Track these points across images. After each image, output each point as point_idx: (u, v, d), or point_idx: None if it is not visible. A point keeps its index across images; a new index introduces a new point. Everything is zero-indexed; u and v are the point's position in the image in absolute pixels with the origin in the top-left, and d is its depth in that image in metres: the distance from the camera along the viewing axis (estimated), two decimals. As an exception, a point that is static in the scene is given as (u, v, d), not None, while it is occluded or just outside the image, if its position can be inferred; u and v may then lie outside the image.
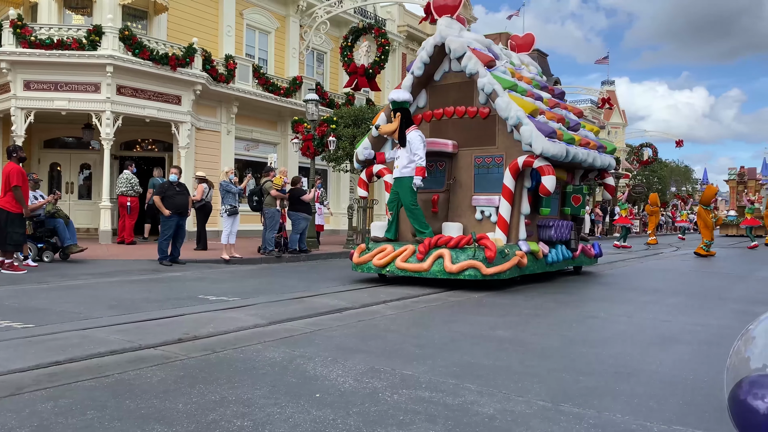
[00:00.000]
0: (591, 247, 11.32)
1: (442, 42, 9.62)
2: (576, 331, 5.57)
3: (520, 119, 8.77)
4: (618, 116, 61.49)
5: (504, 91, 9.01)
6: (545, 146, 8.61)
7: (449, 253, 8.29)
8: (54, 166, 18.70)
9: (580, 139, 9.92)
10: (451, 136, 9.70)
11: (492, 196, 9.25)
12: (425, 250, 8.50)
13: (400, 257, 8.62)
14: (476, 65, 9.23)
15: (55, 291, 7.67)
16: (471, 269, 8.09)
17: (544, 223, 9.73)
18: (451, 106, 9.86)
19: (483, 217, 9.35)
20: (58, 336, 4.89)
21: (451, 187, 9.68)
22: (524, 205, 9.19)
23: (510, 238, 9.04)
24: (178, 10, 18.92)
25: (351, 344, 4.77)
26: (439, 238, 8.56)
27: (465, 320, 6.02)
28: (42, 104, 15.79)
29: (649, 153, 44.33)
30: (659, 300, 7.81)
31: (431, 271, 8.28)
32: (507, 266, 8.29)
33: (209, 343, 4.76)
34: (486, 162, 9.49)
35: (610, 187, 11.47)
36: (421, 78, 10.01)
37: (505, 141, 9.32)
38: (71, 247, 11.27)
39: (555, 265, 9.93)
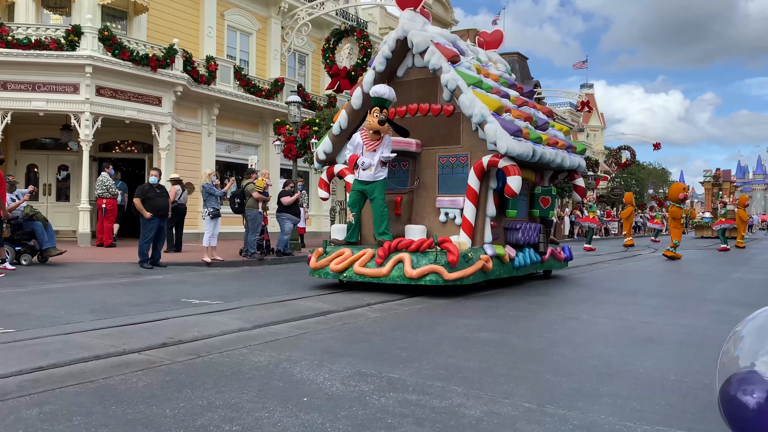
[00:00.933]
0: (561, 251, 11.01)
1: (404, 36, 9.16)
2: (559, 333, 5.63)
3: (484, 117, 8.38)
4: (597, 119, 62.23)
5: (468, 88, 8.60)
6: (510, 145, 8.24)
7: (409, 258, 7.88)
8: (31, 167, 18.42)
9: (548, 138, 9.62)
10: (415, 135, 9.22)
11: (456, 198, 8.85)
12: (384, 254, 8.04)
13: (359, 262, 8.19)
14: (439, 60, 8.81)
15: (34, 295, 7.56)
16: (432, 274, 7.69)
17: (511, 225, 9.41)
18: (414, 104, 9.41)
19: (447, 219, 8.95)
20: (40, 341, 4.83)
21: (415, 188, 9.28)
22: (490, 207, 8.82)
23: (475, 242, 8.67)
24: (159, 10, 18.77)
25: (337, 348, 4.78)
26: (400, 241, 8.14)
27: (449, 323, 6.06)
28: (19, 105, 15.55)
29: (627, 155, 44.90)
30: (639, 302, 7.93)
31: (390, 276, 7.87)
32: (470, 271, 7.94)
33: (194, 347, 4.74)
34: (450, 162, 9.07)
35: (580, 189, 11.11)
36: (384, 74, 9.47)
37: (470, 140, 8.89)
38: (50, 250, 11.11)
39: (522, 270, 9.56)
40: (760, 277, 12.20)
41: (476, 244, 8.66)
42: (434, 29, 9.60)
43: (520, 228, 9.35)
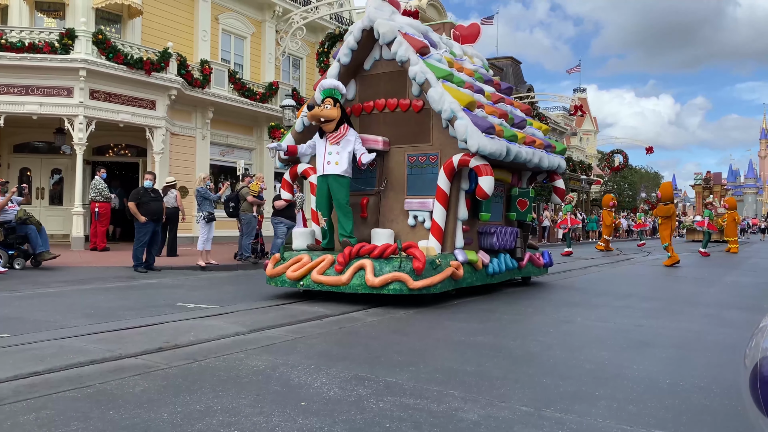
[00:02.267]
0: (539, 256, 10.43)
1: (370, 26, 8.52)
2: (553, 337, 5.66)
3: (454, 112, 7.80)
4: (590, 123, 62.50)
5: (438, 81, 8.03)
6: (482, 143, 7.67)
7: (371, 265, 7.24)
8: (24, 171, 18.34)
9: (524, 136, 9.10)
10: (383, 132, 8.61)
11: (426, 200, 8.23)
12: (345, 260, 7.42)
13: (317, 269, 7.53)
14: (407, 52, 8.21)
15: (28, 299, 7.53)
16: (396, 283, 7.08)
17: (486, 229, 8.81)
18: (382, 99, 8.77)
19: (416, 222, 8.33)
20: (35, 345, 4.82)
21: (383, 189, 8.64)
22: (461, 210, 8.26)
23: (445, 247, 8.10)
24: (153, 14, 18.76)
25: (333, 352, 4.79)
26: (361, 246, 7.49)
27: (445, 326, 6.07)
28: (12, 108, 15.49)
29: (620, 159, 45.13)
30: (632, 305, 7.97)
31: (351, 285, 7.25)
32: (438, 279, 7.36)
33: (190, 351, 4.73)
34: (420, 161, 8.46)
35: (559, 191, 10.48)
36: (349, 66, 8.86)
37: (440, 137, 8.29)
38: (43, 254, 11.07)
39: (497, 277, 8.92)
40: (752, 280, 12.28)
41: (447, 250, 8.11)
42: (404, 19, 9.01)
43: (495, 232, 8.74)
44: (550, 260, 10.77)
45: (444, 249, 8.07)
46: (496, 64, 40.57)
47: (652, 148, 40.68)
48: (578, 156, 49.88)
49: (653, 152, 40.85)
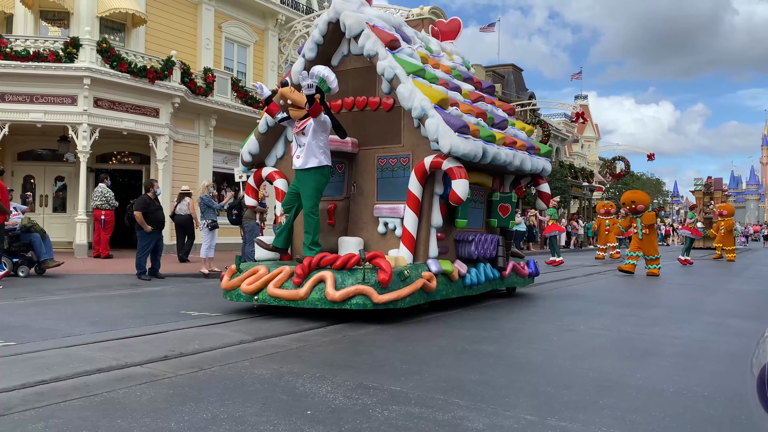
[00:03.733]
0: (524, 266, 9.75)
1: (337, 18, 7.99)
2: (557, 345, 5.67)
3: (425, 110, 7.28)
4: (591, 130, 62.55)
5: (408, 77, 7.50)
6: (455, 143, 7.12)
7: (333, 277, 6.63)
8: (28, 178, 18.41)
9: (504, 137, 8.50)
10: (352, 133, 8.05)
11: (396, 205, 7.70)
12: (304, 272, 6.78)
13: (274, 282, 6.89)
14: (375, 45, 7.66)
15: (33, 307, 7.56)
16: (358, 297, 6.47)
17: (463, 237, 8.21)
18: (350, 97, 8.24)
19: (387, 230, 7.81)
20: (42, 354, 4.85)
21: (351, 194, 8.14)
22: (435, 216, 7.66)
23: (417, 256, 7.52)
24: (157, 22, 18.86)
25: (338, 360, 4.81)
26: (322, 257, 6.86)
27: (448, 335, 6.09)
28: (17, 116, 15.57)
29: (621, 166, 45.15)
30: (635, 313, 7.98)
31: (309, 299, 6.62)
32: (407, 292, 6.73)
33: (196, 360, 4.76)
34: (390, 163, 7.93)
35: (545, 195, 9.89)
36: (315, 62, 8.19)
37: (412, 138, 7.77)
38: (47, 261, 11.10)
39: (476, 288, 8.28)
40: (755, 288, 12.29)
41: (419, 259, 7.53)
42: (373, 11, 8.46)
43: (474, 240, 8.13)
44: (536, 269, 10.12)
45: (416, 259, 7.52)
46: (498, 71, 40.71)
47: (654, 155, 40.73)
48: (580, 163, 49.91)
49: (654, 159, 40.86)
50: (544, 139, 33.55)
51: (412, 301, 6.88)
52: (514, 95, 38.02)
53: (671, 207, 74.32)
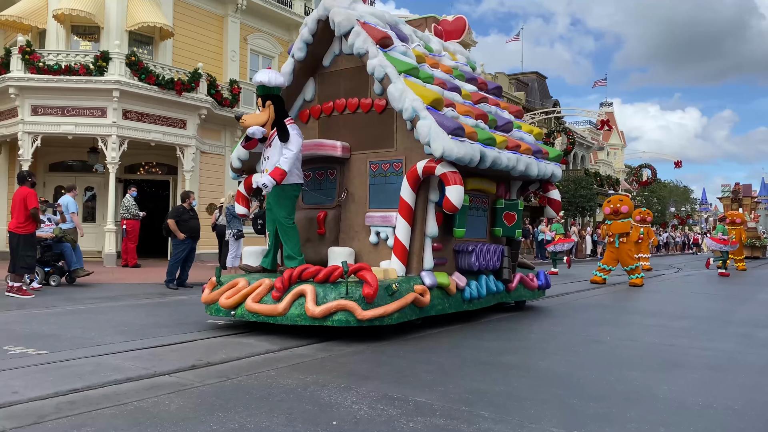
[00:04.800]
0: (533, 278, 9.13)
1: (326, 15, 7.61)
2: (582, 356, 5.63)
3: (416, 111, 6.82)
4: (617, 137, 61.94)
5: (399, 76, 7.07)
6: (447, 147, 6.64)
7: (314, 291, 6.15)
8: (59, 189, 18.81)
9: (506, 140, 7.98)
10: (344, 136, 7.70)
11: (389, 213, 7.23)
12: (284, 286, 6.32)
13: (252, 296, 6.47)
14: (365, 43, 7.25)
15: (64, 316, 7.73)
16: (341, 312, 6.00)
17: (462, 248, 7.66)
18: (342, 98, 7.83)
19: (379, 240, 7.35)
20: (73, 363, 4.95)
21: (343, 201, 7.69)
22: (430, 225, 7.14)
23: (410, 268, 7.03)
24: (184, 35, 19.20)
25: (362, 371, 4.84)
26: (304, 269, 6.39)
27: (472, 345, 6.08)
28: (49, 129, 15.97)
29: (648, 174, 44.60)
30: (663, 323, 7.87)
31: (288, 315, 6.16)
32: (394, 307, 6.22)
33: (223, 369, 4.82)
34: (383, 169, 7.45)
35: (555, 203, 9.25)
36: (306, 63, 7.94)
37: (405, 142, 7.31)
38: (78, 270, 11.33)
39: (477, 303, 7.72)
40: (787, 298, 12.02)
41: (412, 272, 7.02)
42: (365, 8, 8.04)
43: (474, 250, 7.58)
44: (546, 281, 9.44)
45: (409, 271, 7.02)
46: (521, 79, 40.59)
47: (681, 162, 40.15)
48: (606, 171, 49.42)
49: (681, 166, 40.28)
50: (569, 147, 33.32)
51: (401, 317, 6.41)
52: (538, 103, 37.86)
53: (699, 215, 73.12)
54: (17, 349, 5.44)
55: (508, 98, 33.69)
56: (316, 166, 7.76)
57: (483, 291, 7.76)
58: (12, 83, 15.55)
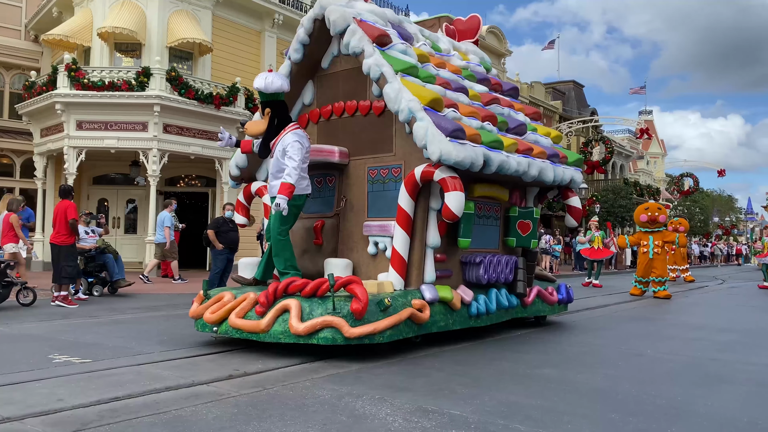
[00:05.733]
0: (553, 291, 8.49)
1: (322, 14, 7.25)
2: (622, 370, 5.52)
3: (413, 112, 6.38)
4: (657, 146, 60.72)
5: (395, 75, 6.63)
6: (445, 150, 6.15)
7: (299, 306, 5.75)
8: (102, 201, 19.37)
9: (515, 142, 7.43)
10: (343, 141, 7.33)
11: (387, 222, 6.77)
12: (268, 300, 5.92)
13: (236, 311, 6.08)
14: (361, 41, 6.85)
15: (106, 326, 7.92)
16: (327, 329, 5.59)
17: (470, 259, 7.15)
18: (340, 101, 7.46)
19: (378, 251, 6.90)
20: (115, 371, 5.07)
21: (341, 210, 7.30)
22: (431, 235, 6.65)
23: (409, 281, 6.57)
24: (222, 50, 19.61)
25: (397, 382, 4.83)
26: (290, 282, 5.97)
27: (508, 358, 6.02)
28: (93, 143, 16.47)
29: (690, 183, 43.61)
30: (706, 337, 7.66)
31: (272, 332, 5.75)
32: (386, 324, 5.74)
33: (259, 379, 4.88)
34: (381, 175, 7.03)
35: (575, 210, 8.55)
36: (303, 64, 7.61)
37: (404, 146, 6.85)
38: (119, 281, 11.62)
39: (485, 318, 7.18)
40: (838, 311, 11.57)
41: (411, 285, 6.56)
42: (365, 6, 7.62)
43: (482, 262, 7.06)
44: (568, 296, 8.73)
45: (408, 284, 6.57)
46: (558, 88, 40.21)
47: (724, 170, 39.17)
48: (646, 180, 48.48)
49: (725, 175, 39.28)
50: (608, 156, 32.82)
51: (395, 335, 5.92)
52: (575, 112, 37.43)
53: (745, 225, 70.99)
54: (62, 357, 5.59)
55: (544, 107, 33.41)
56: (315, 173, 7.36)
57: (492, 306, 7.25)
58: (58, 99, 16.10)
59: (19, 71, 22.17)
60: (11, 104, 21.35)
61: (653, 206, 14.22)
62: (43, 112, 17.19)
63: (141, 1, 17.87)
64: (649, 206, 14.28)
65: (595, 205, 29.87)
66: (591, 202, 30.05)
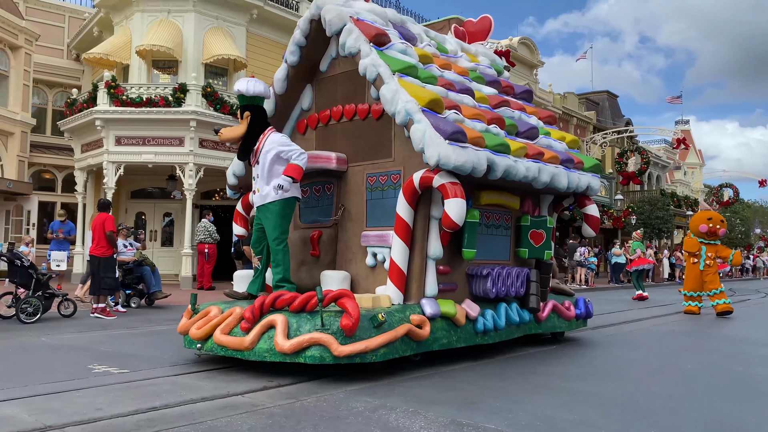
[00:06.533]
0: (570, 306, 7.97)
1: (319, 15, 6.94)
2: (660, 385, 5.39)
3: (410, 114, 5.99)
4: (694, 156, 59.51)
5: (393, 76, 6.26)
6: (444, 153, 5.75)
7: (285, 322, 5.38)
8: (140, 215, 19.78)
9: (524, 146, 6.90)
10: (342, 147, 7.00)
11: (385, 232, 6.34)
12: (254, 316, 5.55)
13: (222, 326, 5.75)
14: (357, 41, 6.51)
15: (143, 337, 8.07)
16: (315, 347, 5.22)
17: (476, 271, 6.71)
18: (339, 105, 7.12)
19: (376, 262, 6.49)
20: (152, 381, 5.17)
21: (339, 219, 6.93)
22: (432, 245, 6.20)
23: (409, 295, 6.14)
24: (256, 66, 19.93)
25: (430, 395, 4.81)
26: (278, 296, 5.62)
27: (542, 372, 5.94)
28: (131, 158, 16.87)
29: (729, 193, 42.60)
30: (749, 351, 7.45)
31: (256, 350, 5.40)
32: (379, 341, 5.36)
33: (292, 390, 4.91)
34: (380, 181, 6.64)
35: (592, 220, 7.95)
36: (301, 68, 7.31)
37: (404, 150, 6.44)
38: (156, 293, 11.83)
39: (493, 335, 6.69)
40: None
41: (411, 299, 6.14)
42: (364, 5, 7.27)
43: (489, 274, 6.61)
44: (587, 310, 8.22)
45: (407, 298, 6.15)
46: (591, 98, 39.77)
47: (766, 180, 38.14)
48: (683, 191, 47.50)
49: (766, 185, 38.24)
50: (644, 167, 32.29)
51: (389, 353, 5.51)
52: (609, 122, 36.95)
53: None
54: (101, 367, 5.72)
55: (578, 118, 33.06)
56: (313, 180, 7.05)
57: (501, 322, 6.75)
58: (98, 116, 16.56)
59: (61, 89, 22.91)
60: (54, 121, 22.06)
61: (717, 217, 12.92)
62: (84, 128, 17.69)
63: (178, 19, 18.33)
64: (712, 216, 13.01)
65: (631, 217, 29.35)
66: (627, 214, 29.55)
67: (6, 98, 19.74)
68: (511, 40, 28.46)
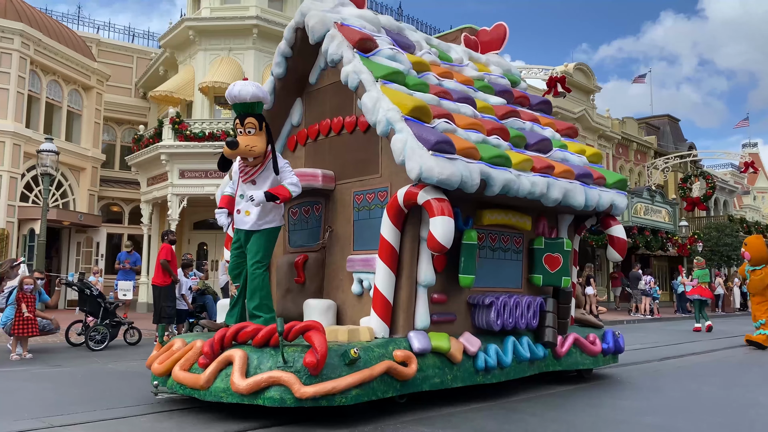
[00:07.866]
0: (595, 339, 7.09)
1: (303, 22, 6.43)
2: (732, 419, 5.14)
3: (391, 124, 5.38)
4: (764, 180, 56.99)
5: (375, 83, 5.69)
6: (426, 165, 5.09)
7: (244, 358, 4.75)
8: (201, 245, 20.38)
9: (528, 159, 6.17)
10: (329, 164, 6.39)
11: (371, 256, 5.66)
12: (212, 350, 4.94)
13: (181, 362, 5.14)
14: (340, 47, 5.98)
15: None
16: (275, 387, 4.57)
17: (478, 300, 5.92)
18: (327, 118, 6.54)
19: (363, 289, 5.81)
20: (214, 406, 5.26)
21: (326, 242, 6.28)
22: (423, 271, 5.49)
23: (395, 327, 5.43)
24: (312, 99, 20.45)
25: (490, 427, 4.73)
26: (241, 329, 4.96)
27: (607, 404, 5.75)
28: (194, 190, 17.48)
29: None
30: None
31: (212, 389, 4.78)
32: (348, 382, 4.64)
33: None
34: (368, 200, 5.98)
35: (618, 242, 7.15)
36: (288, 80, 6.83)
37: (391, 165, 5.69)
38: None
39: (497, 374, 5.88)
40: None
41: (398, 332, 5.41)
42: (356, 11, 6.75)
43: (494, 303, 5.83)
44: (617, 345, 7.33)
45: (394, 330, 5.43)
46: (652, 123, 38.84)
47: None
48: (753, 216, 45.46)
49: None
50: (709, 192, 31.14)
51: (363, 395, 4.77)
52: (671, 146, 35.94)
53: None
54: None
55: (638, 143, 32.28)
56: (301, 201, 6.40)
57: (507, 358, 5.92)
58: (163, 150, 17.28)
59: (129, 126, 24.05)
60: (122, 156, 23.12)
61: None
62: (150, 163, 18.48)
63: (238, 57, 19.04)
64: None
65: (697, 243, 28.26)
66: (692, 241, 28.47)
67: (79, 135, 20.87)
68: (566, 66, 28.20)
